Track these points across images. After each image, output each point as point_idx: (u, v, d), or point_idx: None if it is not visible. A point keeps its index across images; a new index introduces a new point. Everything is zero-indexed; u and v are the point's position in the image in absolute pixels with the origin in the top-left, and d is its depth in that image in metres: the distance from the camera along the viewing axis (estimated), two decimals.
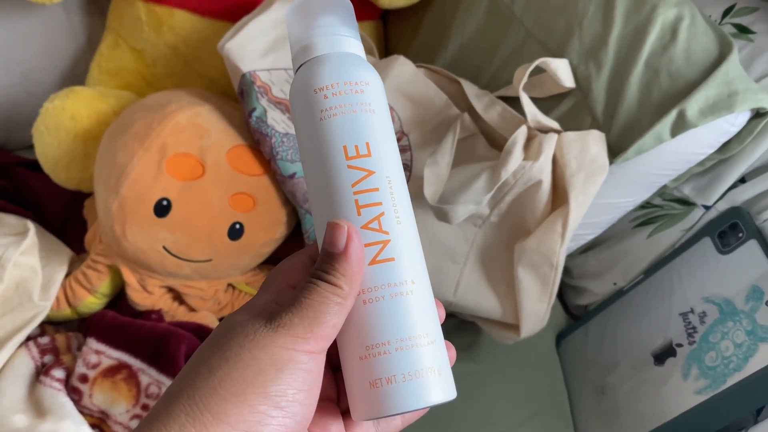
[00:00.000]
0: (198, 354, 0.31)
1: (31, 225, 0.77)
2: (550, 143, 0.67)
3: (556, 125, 0.70)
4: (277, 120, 0.73)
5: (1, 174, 0.90)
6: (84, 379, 0.69)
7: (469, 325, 0.86)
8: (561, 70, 0.70)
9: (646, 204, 0.81)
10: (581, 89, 0.71)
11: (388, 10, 0.94)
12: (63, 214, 0.88)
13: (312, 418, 0.32)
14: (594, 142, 0.68)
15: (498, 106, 0.73)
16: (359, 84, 0.35)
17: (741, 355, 0.65)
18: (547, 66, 0.70)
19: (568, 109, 0.72)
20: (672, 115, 0.65)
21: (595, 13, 0.71)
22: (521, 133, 0.68)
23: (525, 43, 0.77)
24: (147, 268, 0.75)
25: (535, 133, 0.69)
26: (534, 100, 0.72)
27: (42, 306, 0.72)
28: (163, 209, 0.71)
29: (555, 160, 0.68)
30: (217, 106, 0.76)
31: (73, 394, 0.69)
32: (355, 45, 0.37)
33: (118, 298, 0.81)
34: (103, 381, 0.69)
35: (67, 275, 0.77)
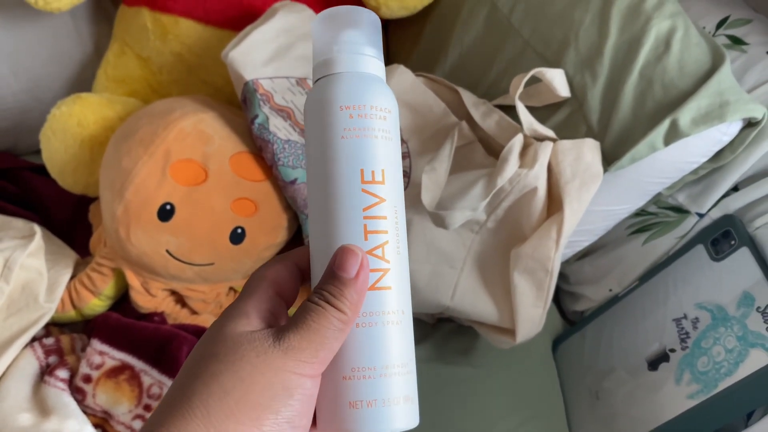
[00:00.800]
0: (199, 364, 0.31)
1: (37, 228, 0.78)
2: (545, 151, 0.68)
3: (551, 133, 0.71)
4: (279, 127, 0.75)
5: (9, 178, 0.92)
6: (87, 379, 0.70)
7: (467, 330, 0.87)
8: (556, 80, 0.71)
9: (641, 212, 0.82)
10: (577, 98, 0.73)
11: (389, 20, 0.95)
12: (69, 218, 0.90)
13: None
14: (589, 150, 0.69)
15: (495, 114, 0.74)
16: (384, 110, 0.35)
17: (732, 360, 0.66)
18: (543, 76, 0.71)
19: (564, 118, 0.74)
20: (665, 125, 0.67)
21: (591, 25, 0.73)
22: (517, 141, 0.69)
23: (522, 53, 0.78)
24: (150, 271, 0.76)
25: (531, 142, 0.70)
26: (530, 109, 0.74)
27: (47, 307, 0.74)
28: (167, 213, 0.72)
29: (550, 168, 0.70)
30: (220, 114, 0.77)
31: (77, 394, 0.70)
32: (381, 68, 0.37)
33: (122, 301, 0.82)
34: (106, 381, 0.70)
35: (72, 278, 0.78)
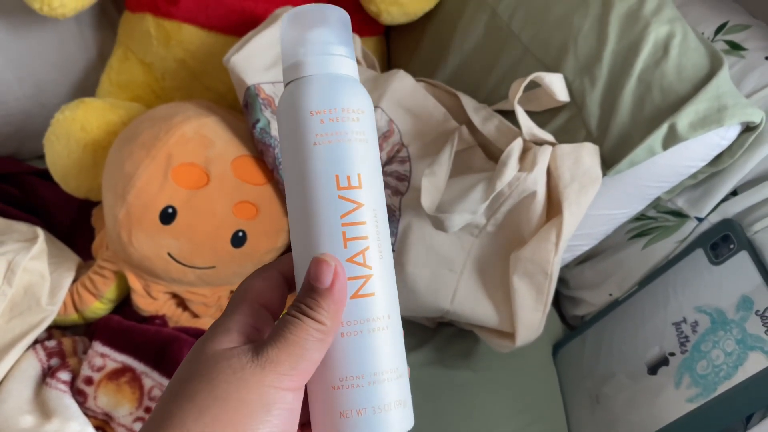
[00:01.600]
0: (180, 384, 0.31)
1: (40, 232, 0.79)
2: (544, 155, 0.69)
3: (550, 138, 0.72)
4: None
5: (13, 183, 0.92)
6: (89, 381, 0.71)
7: (467, 334, 0.87)
8: (555, 85, 0.72)
9: (640, 216, 0.82)
10: (576, 103, 0.73)
11: (390, 26, 0.96)
12: (71, 222, 0.90)
13: None
14: (587, 154, 0.70)
15: (495, 119, 0.75)
16: (356, 112, 0.34)
17: (731, 364, 0.66)
18: (542, 80, 0.72)
19: (563, 123, 0.74)
20: (663, 129, 0.67)
21: (590, 30, 0.73)
22: (516, 145, 0.70)
23: (522, 58, 0.79)
24: (152, 274, 0.77)
25: (531, 146, 0.71)
26: (530, 114, 0.74)
27: (49, 310, 0.74)
28: (169, 217, 0.73)
29: (549, 172, 0.70)
30: (222, 118, 0.78)
31: (78, 396, 0.70)
32: (351, 66, 0.36)
33: (124, 304, 0.82)
34: (107, 383, 0.71)
35: (74, 281, 0.79)
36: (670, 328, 0.75)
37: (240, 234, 0.75)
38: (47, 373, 0.71)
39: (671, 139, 0.67)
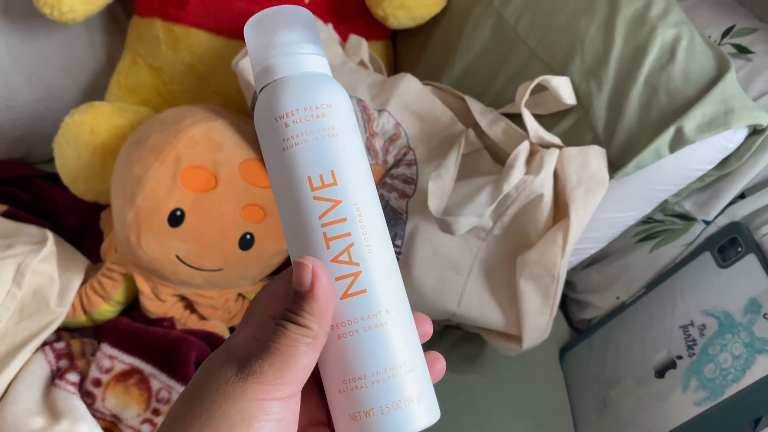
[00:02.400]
0: (178, 403, 0.32)
1: (49, 234, 0.79)
2: (551, 158, 0.69)
3: (557, 141, 0.72)
4: None
5: (23, 186, 0.93)
6: (97, 383, 0.71)
7: (474, 337, 0.87)
8: (562, 88, 0.72)
9: (647, 219, 0.82)
10: (582, 106, 0.73)
11: (397, 30, 0.97)
12: (80, 225, 0.91)
13: None
14: (594, 157, 0.70)
15: (502, 122, 0.75)
16: (320, 108, 0.33)
17: (739, 367, 0.66)
18: (549, 83, 0.72)
19: (570, 126, 0.74)
20: (670, 132, 0.67)
21: (597, 34, 0.73)
22: (523, 148, 0.70)
23: (529, 62, 0.79)
24: (160, 276, 0.77)
25: (537, 149, 0.71)
26: (537, 117, 0.74)
27: (58, 312, 0.75)
28: (177, 219, 0.73)
29: (556, 175, 0.70)
30: (230, 121, 0.78)
31: (87, 398, 0.71)
32: (316, 62, 0.35)
33: (132, 306, 0.83)
34: (115, 385, 0.71)
35: (83, 283, 0.79)
36: (678, 331, 0.75)
37: (248, 237, 0.76)
38: (56, 375, 0.72)
39: (678, 142, 0.67)
